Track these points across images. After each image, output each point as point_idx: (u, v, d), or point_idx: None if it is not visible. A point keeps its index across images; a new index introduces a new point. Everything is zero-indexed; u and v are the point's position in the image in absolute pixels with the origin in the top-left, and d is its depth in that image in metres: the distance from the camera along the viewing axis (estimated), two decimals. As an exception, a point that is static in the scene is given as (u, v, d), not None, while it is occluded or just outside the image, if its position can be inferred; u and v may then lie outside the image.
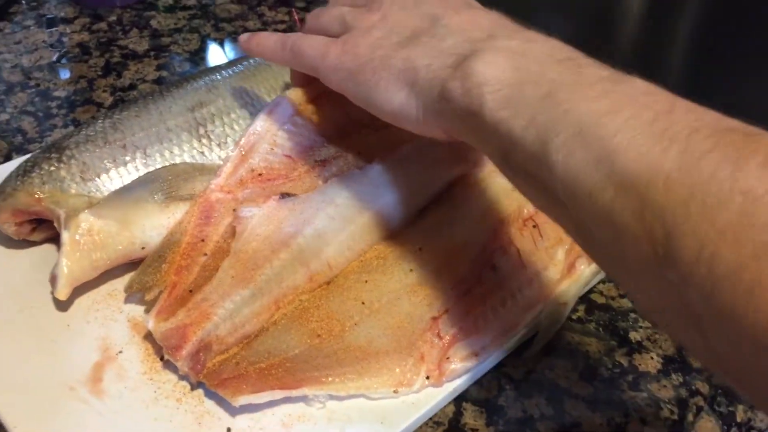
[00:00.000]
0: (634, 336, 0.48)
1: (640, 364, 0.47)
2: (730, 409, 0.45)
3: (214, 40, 0.79)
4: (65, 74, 0.72)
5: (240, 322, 0.43)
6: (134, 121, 0.51)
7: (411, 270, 0.47)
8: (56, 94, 0.69)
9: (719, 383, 0.45)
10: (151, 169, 0.50)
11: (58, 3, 0.83)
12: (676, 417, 0.44)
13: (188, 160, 0.51)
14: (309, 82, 0.51)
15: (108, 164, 0.49)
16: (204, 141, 0.52)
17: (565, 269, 0.49)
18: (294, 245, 0.46)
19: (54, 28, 0.79)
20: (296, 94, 0.55)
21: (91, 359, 0.44)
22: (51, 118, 0.66)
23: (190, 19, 0.82)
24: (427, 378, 0.43)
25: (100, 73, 0.73)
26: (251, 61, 0.60)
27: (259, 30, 0.80)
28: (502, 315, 0.46)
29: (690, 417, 0.44)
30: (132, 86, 0.71)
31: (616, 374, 0.46)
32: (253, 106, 0.55)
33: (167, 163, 0.50)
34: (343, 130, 0.56)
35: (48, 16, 0.81)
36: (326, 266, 0.46)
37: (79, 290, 0.47)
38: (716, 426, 0.44)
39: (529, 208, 0.52)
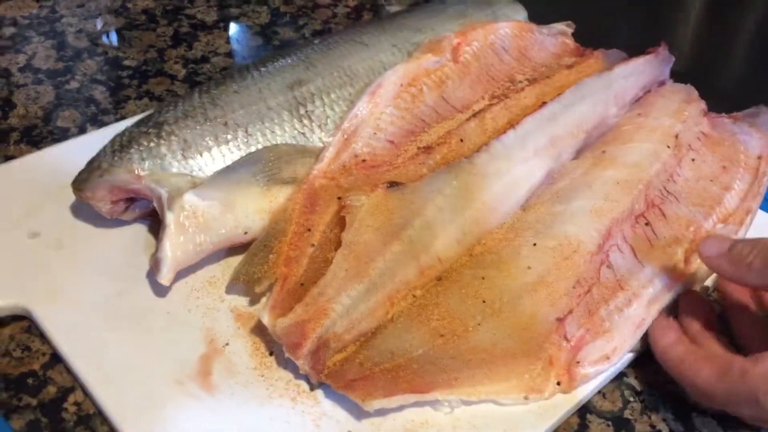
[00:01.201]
0: (756, 349, 0.46)
1: (766, 380, 0.44)
2: None
3: (285, 13, 0.76)
4: (133, 43, 0.69)
5: (356, 318, 0.41)
6: (233, 98, 0.48)
7: (529, 267, 0.45)
8: (126, 63, 0.66)
9: None
10: (253, 148, 0.47)
11: (117, -34, 0.80)
12: (810, 438, 0.42)
13: (289, 140, 0.48)
14: None
15: (210, 142, 0.46)
16: (305, 122, 0.49)
17: (683, 265, 0.47)
18: (404, 237, 0.44)
19: (116, -7, 0.76)
20: (397, 75, 0.52)
21: (197, 351, 0.41)
22: (123, 88, 0.63)
23: (257, -10, 0.79)
24: (558, 383, 0.40)
25: (169, 43, 0.69)
26: (343, 37, 0.57)
27: (329, 5, 0.77)
28: (629, 315, 0.43)
29: (825, 438, 0.42)
30: (204, 59, 0.68)
31: (743, 390, 0.44)
32: (351, 86, 0.52)
33: (268, 144, 0.48)
34: (442, 114, 0.54)
35: (109, -20, 0.78)
36: (436, 260, 0.44)
37: (177, 275, 0.44)
38: None
39: (640, 204, 0.49)
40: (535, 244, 0.46)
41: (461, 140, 0.51)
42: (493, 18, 0.66)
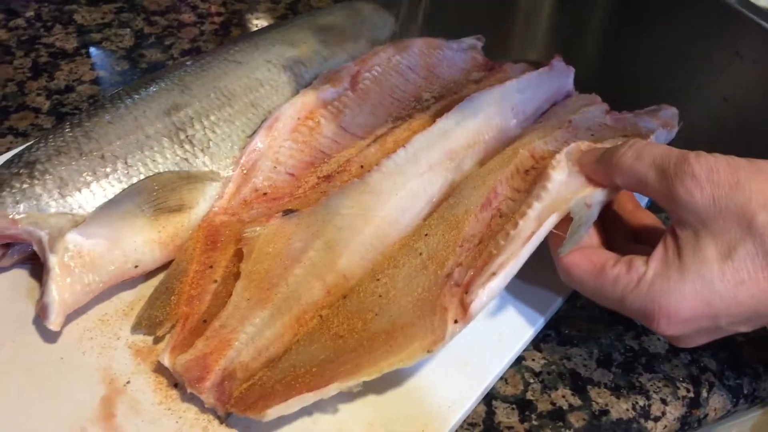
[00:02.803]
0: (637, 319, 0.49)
1: (649, 346, 0.48)
2: (738, 382, 0.47)
3: (149, 35, 0.74)
4: (-12, 77, 0.65)
5: (263, 345, 0.40)
6: (108, 129, 0.47)
7: (420, 253, 0.45)
8: (-17, 100, 0.62)
9: (725, 358, 0.47)
10: (135, 179, 0.46)
11: (-39, -3, 0.75)
12: (692, 395, 0.45)
13: (172, 168, 0.47)
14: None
15: (88, 177, 0.44)
16: (186, 147, 0.48)
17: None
18: (306, 260, 0.44)
19: (-37, 26, 0.71)
20: (294, 109, 0.52)
21: (97, 394, 0.40)
22: (-17, 127, 0.60)
23: (117, 13, 0.76)
24: (456, 321, 0.40)
25: (29, 74, 0.66)
26: (216, 57, 0.56)
27: (195, 23, 0.76)
28: (516, 234, 0.42)
29: (704, 393, 0.46)
30: (69, 88, 0.65)
31: (630, 358, 0.47)
32: (230, 106, 0.52)
33: (150, 173, 0.46)
34: (342, 144, 0.54)
35: (-47, 13, 0.73)
36: (342, 278, 0.44)
37: (67, 318, 0.42)
38: (726, 399, 0.46)
39: (526, 162, 0.49)
40: (426, 234, 0.46)
41: (361, 166, 0.51)
42: (361, 26, 0.67)
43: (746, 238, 0.37)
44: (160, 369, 0.41)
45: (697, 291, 0.37)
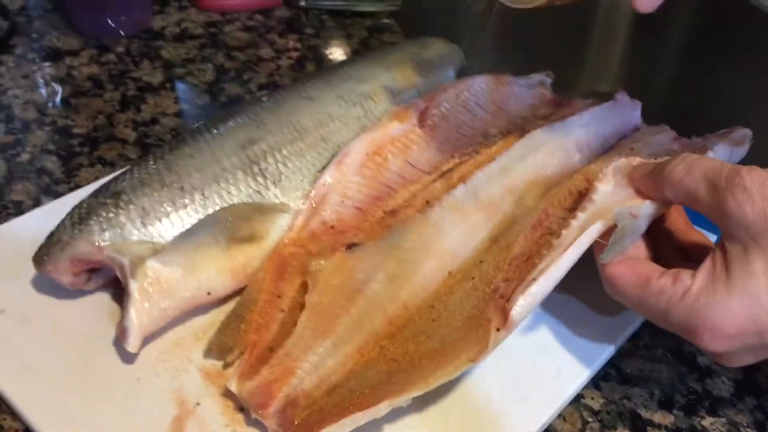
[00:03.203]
0: (701, 360, 0.49)
1: (713, 389, 0.47)
2: (807, 430, 0.45)
3: (229, 69, 0.77)
4: (81, 110, 0.70)
5: (325, 374, 0.42)
6: (188, 162, 0.50)
7: (473, 278, 0.46)
8: (76, 131, 0.67)
9: (793, 405, 0.46)
10: (210, 210, 0.48)
11: (59, 34, 0.81)
12: (757, 441, 0.44)
13: (245, 199, 0.50)
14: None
15: (168, 208, 0.47)
16: (259, 179, 0.51)
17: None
18: (368, 291, 0.45)
19: (60, 61, 0.77)
20: (363, 144, 0.54)
21: (169, 413, 0.42)
22: (75, 156, 0.64)
23: (200, 49, 0.81)
24: (498, 329, 0.41)
25: (117, 107, 0.71)
26: (290, 92, 0.59)
27: (273, 58, 0.80)
28: (558, 244, 0.43)
29: (771, 440, 0.45)
30: (154, 120, 0.69)
31: (692, 401, 0.46)
32: (302, 140, 0.54)
33: (225, 204, 0.49)
34: (408, 179, 0.55)
35: (52, 48, 0.78)
36: (402, 308, 0.45)
37: (144, 340, 0.45)
38: (795, 448, 0.45)
39: (580, 183, 0.49)
40: (481, 261, 0.47)
41: (427, 202, 0.52)
42: (430, 61, 0.69)
43: None
44: (227, 393, 0.43)
45: (743, 306, 0.37)
